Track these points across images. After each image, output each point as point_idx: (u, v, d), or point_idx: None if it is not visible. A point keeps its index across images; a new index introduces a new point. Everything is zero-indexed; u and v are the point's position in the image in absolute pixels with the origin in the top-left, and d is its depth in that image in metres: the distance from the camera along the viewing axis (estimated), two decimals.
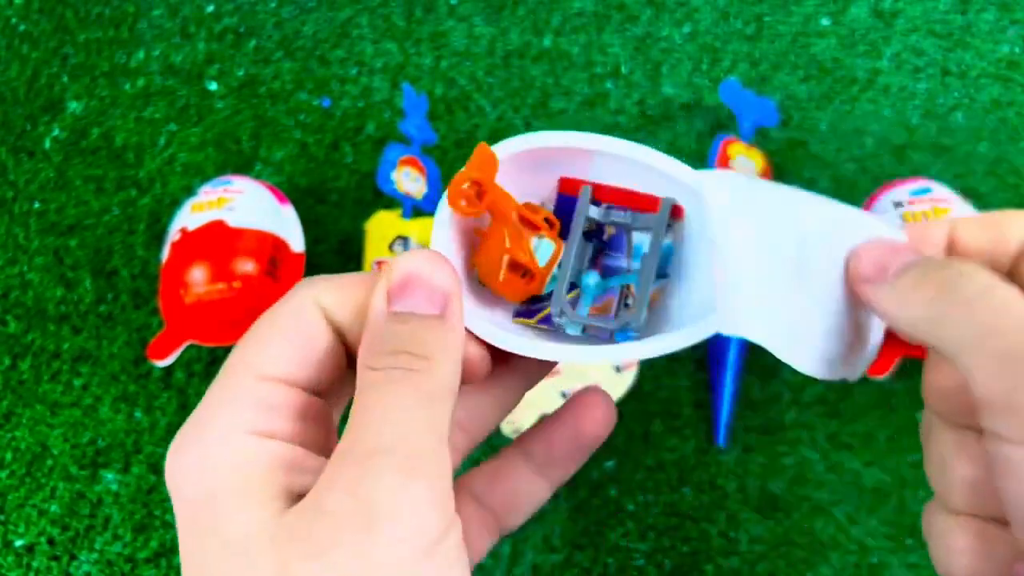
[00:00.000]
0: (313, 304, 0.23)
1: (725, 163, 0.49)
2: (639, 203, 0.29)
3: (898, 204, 0.46)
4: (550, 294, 0.28)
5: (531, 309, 0.28)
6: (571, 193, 0.29)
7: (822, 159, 0.53)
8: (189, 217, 0.48)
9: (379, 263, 0.48)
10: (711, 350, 0.48)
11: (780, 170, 0.53)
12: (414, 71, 0.57)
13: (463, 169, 0.26)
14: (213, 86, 0.57)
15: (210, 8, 0.60)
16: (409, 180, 0.50)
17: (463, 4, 0.59)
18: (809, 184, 0.52)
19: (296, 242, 0.49)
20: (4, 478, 0.48)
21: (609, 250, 0.29)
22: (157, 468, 0.48)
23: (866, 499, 0.45)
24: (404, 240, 0.48)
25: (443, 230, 0.27)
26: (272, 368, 0.22)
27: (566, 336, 0.28)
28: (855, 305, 0.26)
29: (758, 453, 0.47)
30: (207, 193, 0.49)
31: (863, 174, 0.53)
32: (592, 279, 0.29)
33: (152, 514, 0.47)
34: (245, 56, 0.58)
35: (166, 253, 0.48)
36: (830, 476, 0.46)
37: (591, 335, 0.28)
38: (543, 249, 0.28)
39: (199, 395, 0.49)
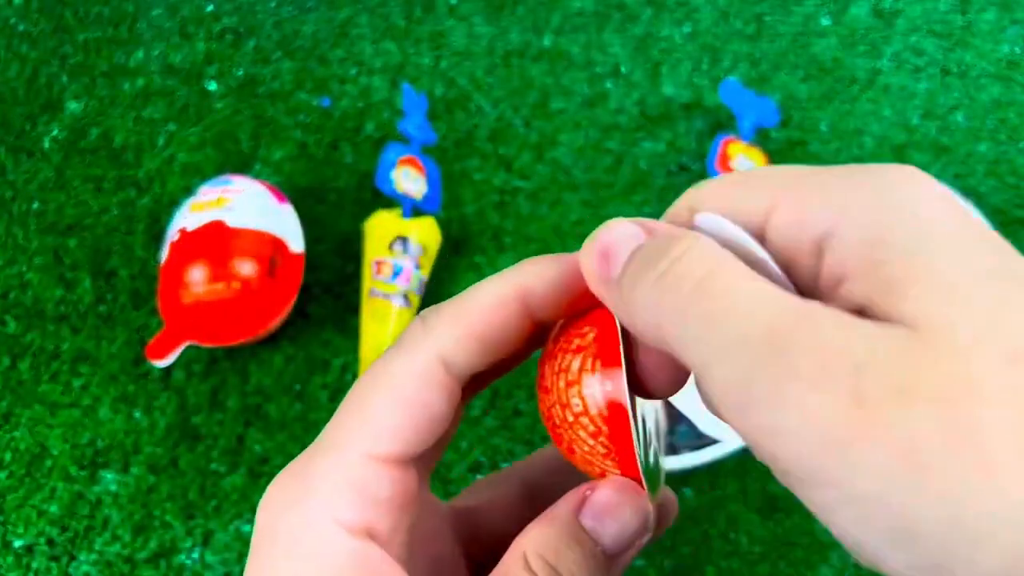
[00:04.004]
0: (437, 363, 0.19)
1: (725, 162, 0.49)
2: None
3: None
4: None
5: None
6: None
7: (822, 159, 0.53)
8: (188, 217, 0.48)
9: (378, 263, 0.48)
10: None
11: None
12: (414, 71, 0.57)
13: None
14: (212, 86, 0.57)
15: (209, 8, 0.60)
16: (408, 180, 0.50)
17: (463, 4, 0.59)
18: None
19: (295, 242, 0.49)
20: (3, 479, 0.48)
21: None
22: (156, 468, 0.47)
23: None
24: (403, 240, 0.48)
25: None
26: (383, 446, 0.19)
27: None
28: None
29: None
30: (206, 193, 0.49)
31: None
32: (683, 429, 0.48)
33: (151, 515, 0.47)
34: (244, 56, 0.58)
35: (165, 253, 0.48)
36: None
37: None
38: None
39: (198, 395, 0.49)
